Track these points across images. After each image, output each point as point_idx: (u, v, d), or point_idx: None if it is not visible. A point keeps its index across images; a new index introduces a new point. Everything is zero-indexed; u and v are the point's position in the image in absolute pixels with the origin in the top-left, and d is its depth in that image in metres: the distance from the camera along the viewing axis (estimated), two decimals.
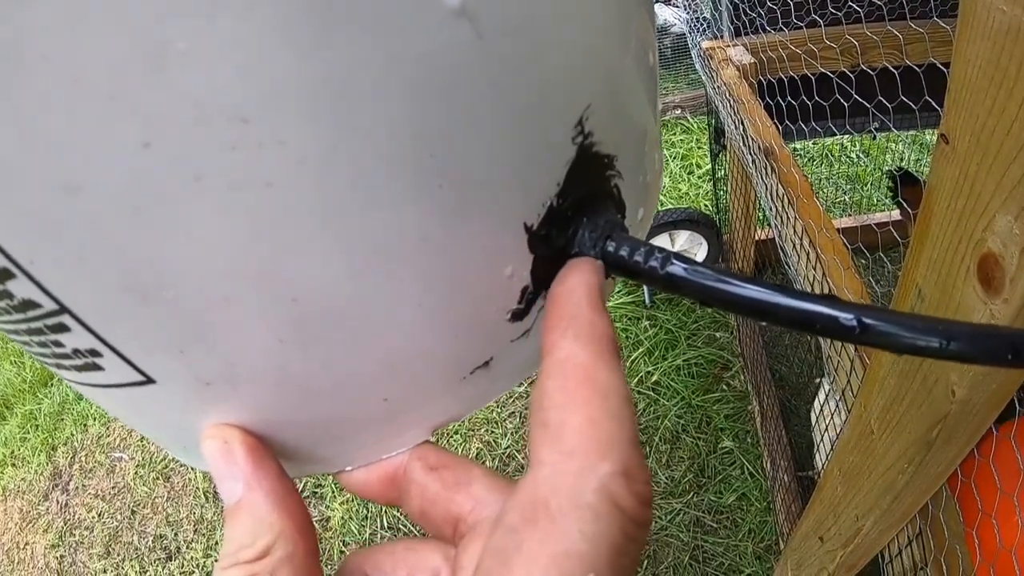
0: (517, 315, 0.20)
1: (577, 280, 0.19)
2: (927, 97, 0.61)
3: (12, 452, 2.36)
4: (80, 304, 0.16)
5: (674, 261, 0.19)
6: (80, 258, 0.15)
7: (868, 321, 0.17)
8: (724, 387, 1.77)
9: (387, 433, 0.22)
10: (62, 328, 0.17)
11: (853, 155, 2.33)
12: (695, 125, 2.78)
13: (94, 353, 0.17)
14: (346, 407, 0.20)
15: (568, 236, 0.20)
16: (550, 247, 0.19)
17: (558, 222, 0.19)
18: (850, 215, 2.04)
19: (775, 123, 0.99)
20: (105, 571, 1.92)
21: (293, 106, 0.14)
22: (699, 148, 2.62)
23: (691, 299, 0.19)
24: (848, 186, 2.21)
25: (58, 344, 0.18)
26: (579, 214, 0.20)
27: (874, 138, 2.07)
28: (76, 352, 0.18)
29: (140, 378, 0.18)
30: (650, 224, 0.25)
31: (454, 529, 0.21)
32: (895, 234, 0.76)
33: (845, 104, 0.86)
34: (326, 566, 1.71)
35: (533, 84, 0.17)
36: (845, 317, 0.17)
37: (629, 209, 0.22)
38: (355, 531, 1.75)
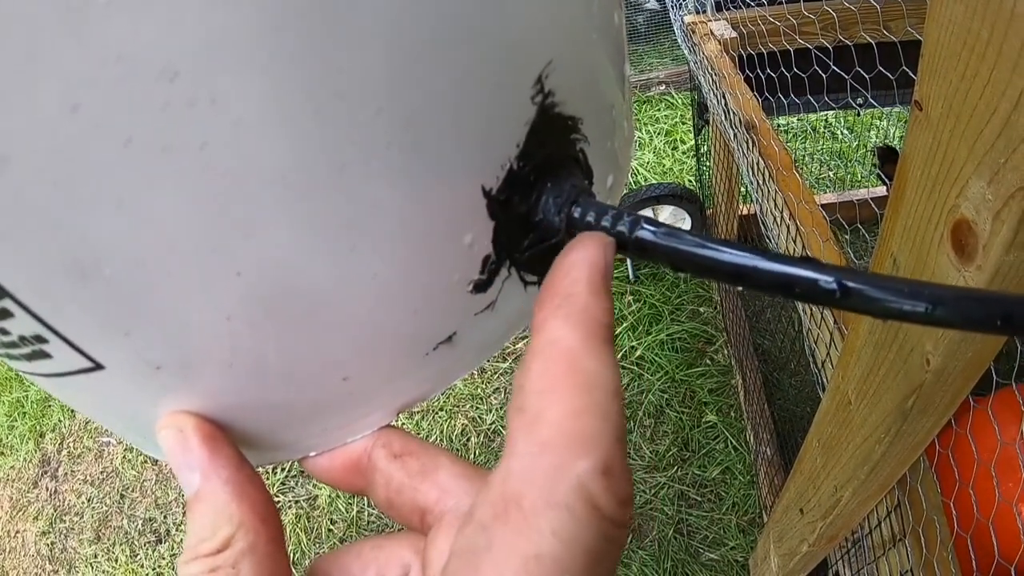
0: (479, 286, 0.19)
1: (580, 256, 0.18)
2: (904, 67, 0.61)
3: (0, 441, 2.35)
4: (19, 286, 0.15)
5: (643, 225, 0.18)
6: (12, 235, 0.14)
7: (850, 284, 0.16)
8: (708, 361, 1.78)
9: (350, 416, 0.21)
10: (5, 314, 0.16)
11: (838, 131, 2.33)
12: (679, 101, 2.77)
13: (40, 339, 0.17)
14: (303, 389, 0.19)
15: (531, 202, 0.19)
16: (512, 213, 0.18)
17: (519, 186, 0.18)
18: (834, 192, 2.04)
19: (755, 96, 0.98)
20: (96, 556, 1.92)
21: (225, 59, 0.13)
22: (683, 124, 2.62)
23: (663, 265, 0.18)
24: (833, 162, 2.22)
25: (4, 332, 0.17)
26: (542, 179, 0.19)
27: (858, 115, 2.07)
28: (23, 339, 0.17)
29: (88, 364, 0.17)
30: (621, 193, 0.24)
31: (421, 520, 0.20)
32: (875, 208, 0.76)
33: (824, 76, 0.86)
34: (314, 545, 1.73)
35: (487, 38, 0.16)
36: (825, 280, 0.16)
37: (597, 176, 0.21)
38: (342, 509, 1.75)
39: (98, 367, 0.17)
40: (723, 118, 1.07)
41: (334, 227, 0.16)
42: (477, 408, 1.85)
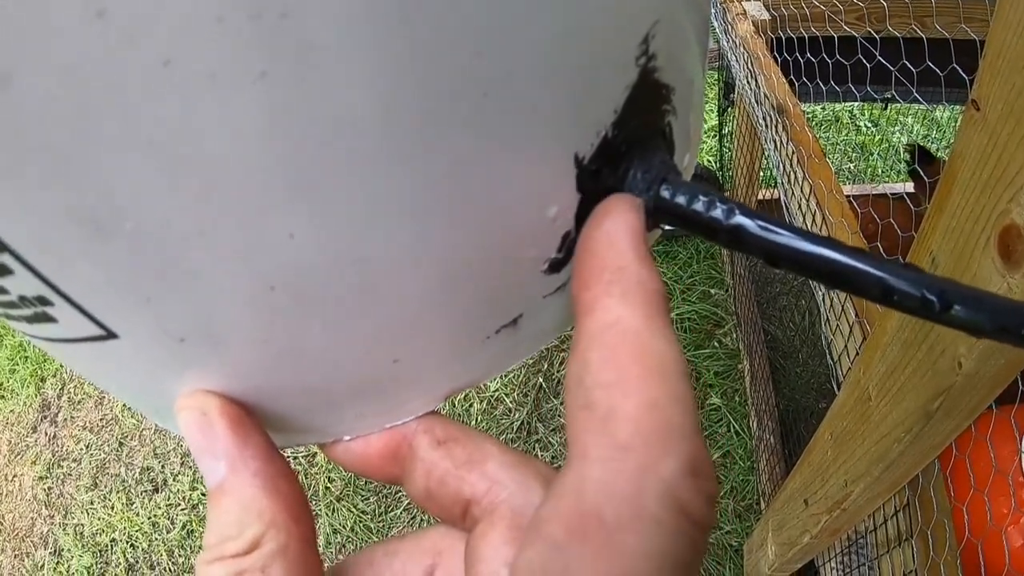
0: (555, 266, 0.17)
1: (619, 223, 0.16)
2: (955, 65, 0.59)
3: (1, 384, 2.36)
4: (20, 239, 0.13)
5: (739, 213, 0.16)
6: (13, 176, 0.12)
7: (951, 300, 0.15)
8: (716, 344, 1.78)
9: (392, 401, 0.19)
10: (3, 270, 0.13)
11: (862, 124, 2.31)
12: None
13: (43, 301, 0.14)
14: (347, 371, 0.17)
15: (619, 175, 0.17)
16: (600, 186, 0.16)
17: (610, 157, 0.16)
18: (854, 183, 2.03)
19: (792, 79, 0.96)
20: (92, 503, 1.94)
21: None
22: (706, 103, 2.58)
23: (757, 256, 0.16)
24: (855, 154, 2.20)
25: (1, 290, 0.14)
26: (631, 151, 0.17)
27: (885, 107, 2.05)
28: (23, 300, 0.14)
29: (99, 332, 0.15)
30: (692, 172, 0.22)
31: (464, 512, 0.19)
32: (909, 205, 0.75)
33: (868, 66, 0.83)
34: (310, 501, 1.74)
35: None
36: (928, 292, 0.15)
37: (677, 152, 0.19)
38: (340, 468, 1.76)
39: (110, 335, 0.15)
40: (752, 100, 1.05)
41: (411, 187, 0.14)
42: None
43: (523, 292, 0.18)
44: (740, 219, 0.16)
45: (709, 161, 2.25)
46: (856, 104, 2.14)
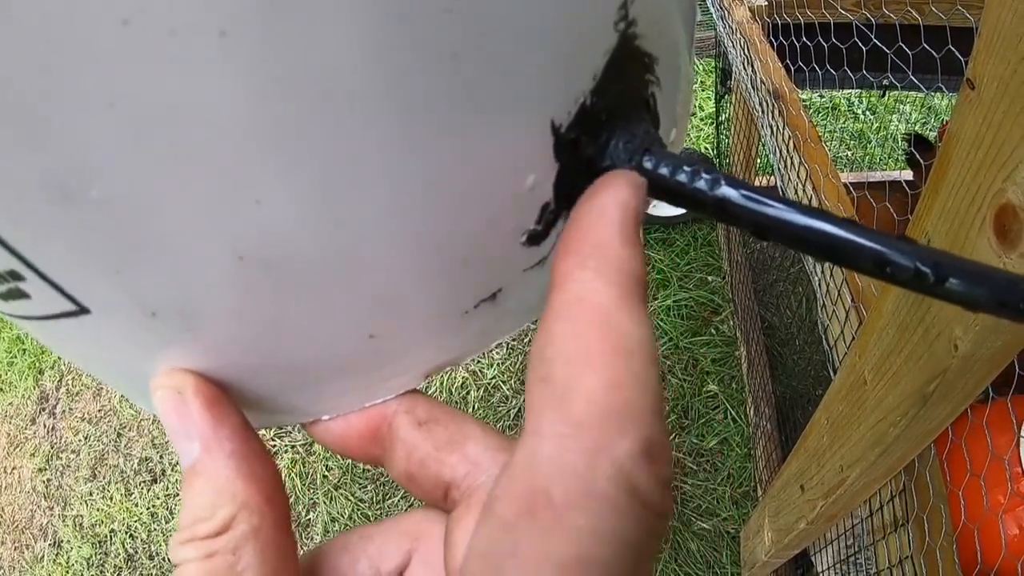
0: (533, 238, 0.17)
1: (611, 198, 0.15)
2: (950, 46, 0.58)
3: None
4: None
5: (724, 183, 0.16)
6: None
7: (946, 272, 0.14)
8: (713, 331, 1.78)
9: (371, 378, 0.18)
10: None
11: (859, 112, 2.30)
12: (700, 67, 2.73)
13: (15, 276, 0.14)
14: (323, 346, 0.17)
15: (599, 145, 0.16)
16: (579, 156, 0.16)
17: (590, 126, 0.16)
18: (851, 171, 2.02)
19: (788, 64, 0.96)
20: (91, 494, 1.94)
21: None
22: (703, 90, 2.58)
23: (745, 229, 0.16)
24: (852, 142, 2.19)
25: None
26: (613, 120, 0.16)
27: (883, 95, 2.04)
28: None
29: (71, 307, 0.15)
30: (680, 149, 0.21)
31: (445, 495, 0.18)
32: (907, 190, 0.74)
33: (864, 49, 0.83)
34: (308, 490, 1.74)
35: None
36: (921, 264, 0.14)
37: (663, 126, 0.19)
38: (338, 456, 1.76)
39: (82, 311, 0.15)
40: (748, 86, 1.04)
41: (380, 153, 0.13)
42: (478, 362, 1.84)
43: (501, 265, 0.17)
44: (725, 190, 0.16)
45: (706, 148, 2.25)
46: (854, 92, 2.14)
